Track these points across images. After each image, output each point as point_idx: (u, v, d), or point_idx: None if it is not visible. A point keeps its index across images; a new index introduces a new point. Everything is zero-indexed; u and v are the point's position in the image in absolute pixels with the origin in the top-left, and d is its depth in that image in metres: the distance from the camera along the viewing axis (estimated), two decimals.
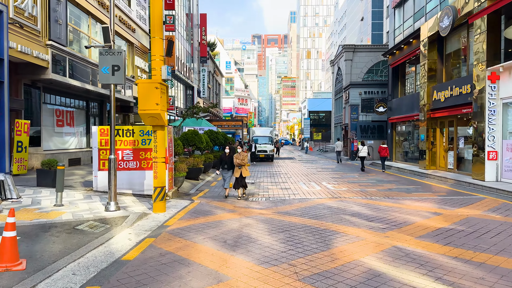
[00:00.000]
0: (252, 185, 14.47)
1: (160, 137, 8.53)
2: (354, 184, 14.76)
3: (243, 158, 10.98)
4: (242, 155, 11.02)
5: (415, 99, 20.65)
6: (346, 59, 41.07)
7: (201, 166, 15.56)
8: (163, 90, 8.33)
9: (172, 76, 34.05)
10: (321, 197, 11.42)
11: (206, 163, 17.95)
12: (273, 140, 31.31)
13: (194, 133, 15.42)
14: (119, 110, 25.90)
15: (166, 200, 10.13)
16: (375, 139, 29.86)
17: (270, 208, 9.66)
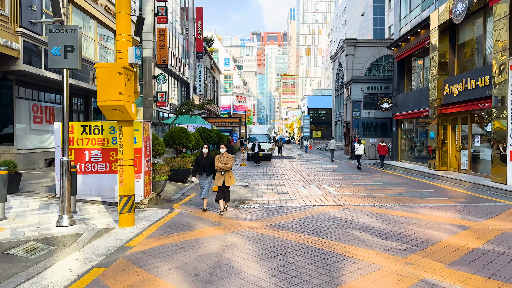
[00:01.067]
0: (245, 189, 12.93)
1: (126, 135, 6.98)
2: (359, 187, 13.22)
3: (227, 162, 8.55)
4: (226, 157, 8.63)
5: (423, 94, 19.10)
6: (347, 54, 39.49)
7: (190, 167, 14.02)
8: (129, 77, 6.78)
9: (165, 71, 32.48)
10: (323, 204, 9.89)
11: None
12: (271, 138, 29.75)
13: (182, 131, 13.88)
14: None
15: (141, 209, 8.61)
16: (378, 137, 28.33)
17: (262, 219, 8.13)
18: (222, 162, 8.61)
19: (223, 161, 8.61)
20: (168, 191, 11.91)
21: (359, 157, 20.34)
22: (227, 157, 8.66)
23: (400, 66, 22.74)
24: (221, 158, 8.66)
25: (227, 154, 8.70)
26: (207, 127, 26.98)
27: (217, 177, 8.69)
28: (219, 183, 8.64)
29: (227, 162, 8.60)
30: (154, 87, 29.49)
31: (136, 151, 8.87)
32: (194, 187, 13.41)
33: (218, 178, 8.67)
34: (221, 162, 8.60)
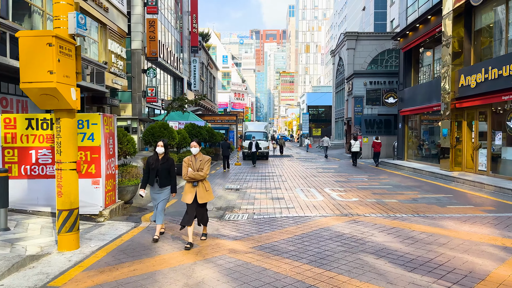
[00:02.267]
0: (235, 193, 11.22)
1: (66, 129, 5.25)
2: (366, 191, 11.50)
3: (201, 167, 5.78)
4: (200, 160, 5.82)
5: (434, 87, 17.38)
6: (349, 48, 37.75)
7: None
8: (66, 51, 5.04)
9: (156, 65, 30.73)
10: (325, 215, 8.17)
11: None
12: (267, 136, 28.04)
13: (163, 127, 12.15)
14: (90, 101, 22.58)
15: (98, 223, 6.90)
16: (382, 134, 26.57)
17: (250, 236, 6.41)
18: (193, 168, 5.75)
19: (194, 166, 5.75)
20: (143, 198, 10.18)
21: (355, 154, 20.41)
22: (201, 160, 5.81)
23: (407, 58, 21.01)
24: (192, 161, 5.80)
25: (201, 155, 5.90)
26: (199, 123, 25.26)
27: (186, 189, 5.89)
28: (188, 198, 5.83)
29: (200, 167, 5.76)
30: (144, 81, 27.75)
31: (94, 150, 7.15)
32: None
33: (187, 192, 5.86)
34: (191, 168, 5.76)
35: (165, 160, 6.23)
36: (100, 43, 21.90)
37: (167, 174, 6.20)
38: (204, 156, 5.97)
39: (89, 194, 7.17)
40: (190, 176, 5.79)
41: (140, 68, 27.13)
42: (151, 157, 6.30)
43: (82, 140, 7.13)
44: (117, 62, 23.63)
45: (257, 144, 21.26)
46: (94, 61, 20.07)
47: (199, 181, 5.89)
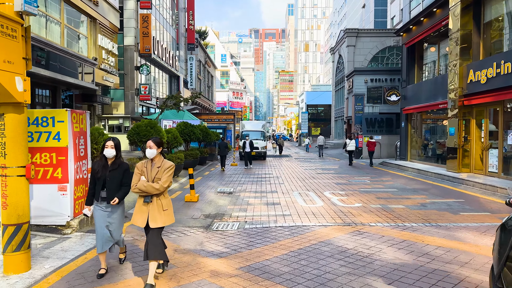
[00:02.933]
0: (227, 197, 10.30)
1: (11, 126, 4.34)
2: (369, 195, 10.60)
3: (158, 175, 4.27)
4: (158, 165, 4.31)
5: (440, 83, 16.49)
6: (349, 45, 36.87)
7: None
8: (8, 31, 4.12)
9: (151, 62, 29.79)
10: (326, 224, 7.26)
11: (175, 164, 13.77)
12: (265, 136, 27.13)
13: (150, 125, 11.23)
14: (81, 99, 21.65)
15: (64, 236, 5.99)
16: (383, 133, 25.70)
17: (238, 252, 5.50)
18: (147, 177, 4.25)
19: (149, 175, 4.24)
20: (126, 202, 9.26)
21: (351, 153, 20.57)
22: (159, 167, 4.27)
23: (410, 54, 20.10)
24: (147, 167, 4.30)
25: (161, 160, 4.34)
26: (194, 122, 24.33)
27: (136, 207, 4.32)
28: (138, 220, 4.28)
29: (157, 176, 4.23)
30: (137, 79, 26.81)
31: (60, 151, 6.24)
32: None
33: (138, 211, 4.28)
34: (145, 176, 4.25)
35: (116, 166, 4.55)
36: (89, 38, 20.97)
37: (117, 186, 4.54)
38: (165, 162, 4.35)
39: (55, 202, 6.26)
40: (140, 188, 4.15)
41: (133, 65, 26.20)
42: (96, 162, 4.64)
43: (46, 140, 6.22)
44: (108, 58, 22.70)
45: (252, 144, 19.91)
46: (83, 56, 19.15)
47: (154, 197, 4.26)
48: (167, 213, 4.36)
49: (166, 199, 4.41)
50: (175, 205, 9.16)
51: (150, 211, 4.27)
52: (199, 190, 11.63)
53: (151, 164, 4.34)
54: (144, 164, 4.35)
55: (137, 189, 4.21)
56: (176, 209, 8.67)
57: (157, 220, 4.28)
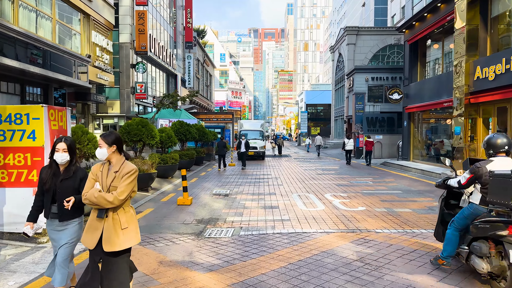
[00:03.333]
0: (223, 200, 9.73)
1: None
2: (373, 197, 10.03)
3: (116, 182, 3.26)
4: (119, 170, 3.29)
5: (444, 81, 15.93)
6: (349, 43, 36.35)
7: (154, 170, 10.82)
8: None
9: (148, 60, 29.19)
10: (328, 230, 6.69)
11: (168, 165, 13.23)
12: (264, 135, 26.57)
13: (142, 124, 10.64)
14: (74, 97, 21.06)
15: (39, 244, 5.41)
16: (385, 133, 25.16)
17: (230, 265, 4.93)
18: (102, 184, 3.29)
19: (104, 181, 3.30)
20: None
21: (349, 153, 20.51)
22: (117, 172, 3.30)
23: (412, 51, 19.53)
24: (103, 172, 3.35)
25: (121, 163, 3.34)
26: (191, 122, 23.76)
27: (88, 223, 3.36)
28: (88, 239, 3.32)
29: (114, 184, 3.27)
30: (133, 77, 26.22)
31: (36, 152, 5.67)
32: (157, 196, 10.21)
33: (89, 227, 3.33)
34: (100, 183, 3.30)
35: (70, 173, 3.59)
36: (83, 34, 20.37)
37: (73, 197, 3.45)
38: (126, 165, 3.30)
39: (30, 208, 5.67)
40: (90, 199, 3.16)
41: (129, 63, 25.61)
42: (45, 169, 3.68)
43: (20, 139, 5.65)
44: (102, 55, 22.11)
45: (248, 144, 19.00)
46: (76, 53, 18.56)
47: (110, 211, 3.24)
48: (127, 232, 3.28)
49: (126, 214, 3.33)
50: (167, 209, 8.59)
51: (104, 230, 3.23)
52: (193, 192, 11.06)
53: (108, 168, 3.34)
54: (100, 168, 3.36)
55: (87, 200, 3.20)
56: (167, 214, 8.10)
57: (112, 242, 3.19)
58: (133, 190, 3.35)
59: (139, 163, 10.48)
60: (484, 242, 4.10)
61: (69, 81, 17.64)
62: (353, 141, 21.66)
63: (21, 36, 13.75)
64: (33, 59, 14.89)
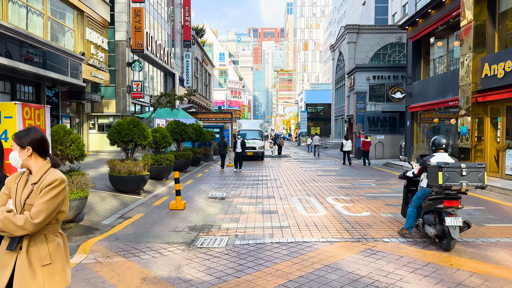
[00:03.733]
0: (219, 204, 9.18)
1: None
2: (377, 201, 9.48)
3: (34, 198, 2.33)
4: (38, 181, 2.38)
5: (449, 79, 15.39)
6: (349, 42, 35.82)
7: (145, 173, 10.27)
8: None
9: (145, 59, 28.64)
10: (331, 239, 6.14)
11: (163, 166, 12.67)
12: (263, 135, 26.02)
13: (133, 123, 10.08)
14: (67, 96, 20.51)
15: None
16: (386, 133, 24.62)
17: (222, 282, 4.37)
18: (14, 200, 2.38)
19: (18, 196, 2.39)
20: (102, 210, 8.15)
21: (347, 153, 20.26)
22: (35, 183, 2.37)
23: (416, 48, 18.99)
24: (18, 183, 2.44)
25: (42, 169, 2.44)
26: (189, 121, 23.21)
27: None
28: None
29: (28, 202, 2.34)
30: (129, 75, 25.66)
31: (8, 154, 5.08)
32: (149, 200, 9.66)
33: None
34: (12, 199, 2.39)
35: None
36: (76, 31, 19.82)
37: None
38: (50, 174, 2.42)
39: None
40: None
41: (125, 61, 25.04)
42: None
43: None
44: (97, 53, 21.55)
45: (244, 143, 17.30)
46: (69, 51, 18.00)
47: (24, 240, 2.34)
48: (50, 271, 2.36)
49: (50, 245, 2.39)
50: (158, 214, 8.04)
51: (16, 268, 2.32)
52: (188, 195, 10.51)
53: (27, 179, 2.46)
54: (16, 179, 2.47)
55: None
56: (158, 219, 7.55)
57: (27, 285, 2.30)
58: (59, 210, 2.41)
59: (130, 164, 9.92)
60: (431, 214, 5.64)
61: (62, 79, 17.09)
62: (351, 141, 21.50)
63: (10, 32, 13.18)
64: (24, 56, 14.32)
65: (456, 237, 5.31)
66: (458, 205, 5.45)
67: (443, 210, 5.44)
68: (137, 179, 10.00)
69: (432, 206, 5.53)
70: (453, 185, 5.21)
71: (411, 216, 6.01)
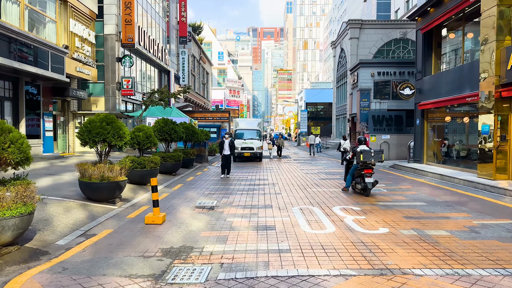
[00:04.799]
0: (206, 215, 7.71)
1: None
2: (393, 212, 8.01)
3: None
4: None
5: (467, 72, 13.92)
6: (352, 37, 34.36)
7: (121, 178, 8.78)
8: None
9: (137, 55, 27.16)
10: (345, 270, 4.66)
11: (146, 170, 11.19)
12: (261, 135, 24.54)
13: (106, 120, 8.58)
14: (50, 92, 19.04)
15: None
16: (392, 132, 23.15)
17: None
18: None
19: None
20: (62, 226, 6.68)
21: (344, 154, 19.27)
22: None
23: (426, 41, 17.50)
24: None
25: None
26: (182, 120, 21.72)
27: None
28: None
29: None
30: (119, 71, 24.17)
31: None
32: (120, 213, 8.18)
33: None
34: None
35: None
36: (59, 23, 18.35)
37: None
38: None
39: None
40: None
41: (114, 56, 23.56)
42: None
43: None
44: (82, 47, 20.08)
45: (233, 144, 14.58)
46: (49, 43, 16.51)
47: None
48: None
49: None
50: (130, 230, 6.57)
51: None
52: (171, 204, 9.05)
53: None
54: None
55: None
56: (126, 239, 6.07)
57: None
58: None
59: (103, 169, 8.44)
60: (359, 178, 9.96)
61: (42, 74, 15.61)
62: (349, 141, 20.89)
63: None
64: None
65: (371, 187, 9.67)
66: (372, 171, 9.73)
67: (364, 175, 9.74)
68: (111, 186, 8.52)
69: (359, 173, 9.96)
70: (367, 161, 9.64)
71: (349, 180, 10.56)
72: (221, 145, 14.59)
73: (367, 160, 9.63)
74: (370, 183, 9.59)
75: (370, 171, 9.67)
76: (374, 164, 9.70)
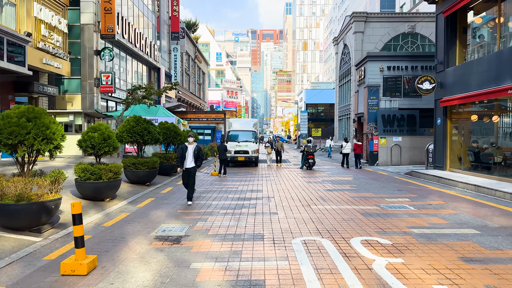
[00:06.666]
0: (162, 254, 5.08)
1: None
2: (438, 247, 5.40)
3: None
4: None
5: (506, 59, 11.34)
6: (356, 31, 31.82)
7: (54, 196, 6.16)
8: None
9: (121, 49, 24.60)
10: None
11: (103, 181, 8.56)
12: (257, 136, 21.89)
13: (28, 116, 5.98)
14: (11, 87, 16.44)
15: None
16: (404, 134, 20.57)
17: None
18: None
19: None
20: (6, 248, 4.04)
21: (346, 156, 19.43)
22: None
23: (449, 26, 14.91)
24: None
25: None
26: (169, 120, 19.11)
27: None
28: None
29: None
30: (98, 66, 21.57)
31: None
32: (38, 251, 5.55)
33: None
34: None
35: None
36: (19, 6, 15.75)
37: None
38: None
39: None
40: None
41: (92, 49, 20.95)
42: None
43: None
44: (51, 36, 17.49)
45: (197, 154, 9.37)
46: (5, 28, 13.94)
47: None
48: None
49: None
50: (30, 287, 3.95)
51: None
52: (125, 231, 6.45)
53: None
54: None
55: None
56: None
57: None
58: None
59: (23, 183, 5.84)
60: (306, 160, 18.27)
61: None
62: (350, 144, 20.90)
63: None
64: None
65: (312, 165, 18.14)
66: (313, 156, 18.09)
67: (308, 158, 18.09)
68: (33, 209, 5.92)
69: (305, 157, 18.25)
70: (309, 151, 18.18)
71: (303, 162, 18.63)
72: (181, 154, 9.34)
73: (308, 150, 18.25)
74: (311, 163, 18.10)
75: (311, 156, 18.17)
76: (313, 152, 18.30)
